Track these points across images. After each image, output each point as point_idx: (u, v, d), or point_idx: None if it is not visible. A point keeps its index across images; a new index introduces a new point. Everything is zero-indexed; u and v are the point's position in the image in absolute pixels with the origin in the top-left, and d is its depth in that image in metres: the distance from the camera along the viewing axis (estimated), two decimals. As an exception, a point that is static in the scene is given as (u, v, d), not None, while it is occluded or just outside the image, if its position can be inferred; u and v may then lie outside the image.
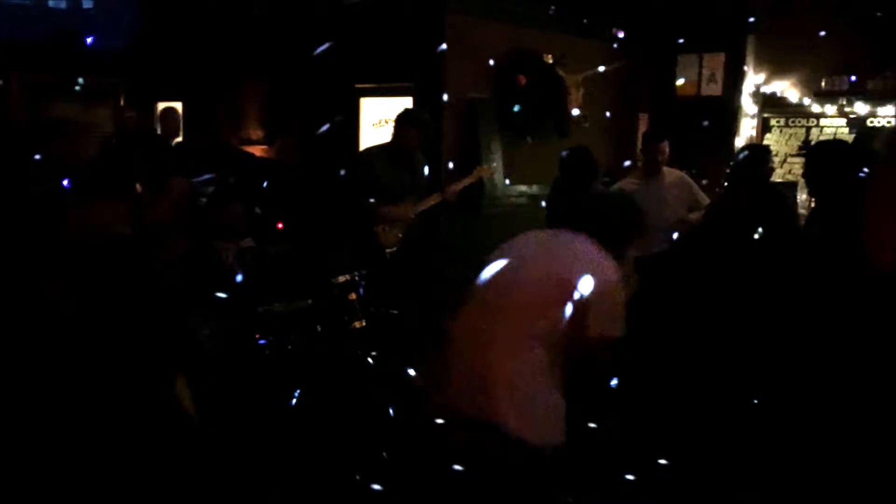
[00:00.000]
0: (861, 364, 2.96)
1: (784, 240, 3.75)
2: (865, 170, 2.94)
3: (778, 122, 6.79)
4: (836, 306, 3.06)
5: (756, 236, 3.80)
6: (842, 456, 2.91)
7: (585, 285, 2.30)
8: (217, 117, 7.21)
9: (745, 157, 4.35)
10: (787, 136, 6.76)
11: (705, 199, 5.05)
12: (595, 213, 2.65)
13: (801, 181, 5.37)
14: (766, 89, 6.74)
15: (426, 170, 4.99)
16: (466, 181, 5.07)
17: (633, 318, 2.62)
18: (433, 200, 4.83)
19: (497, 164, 5.97)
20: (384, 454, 3.55)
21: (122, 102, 7.74)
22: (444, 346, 2.55)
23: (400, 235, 4.77)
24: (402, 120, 4.66)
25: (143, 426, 2.27)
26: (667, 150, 5.05)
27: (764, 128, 6.86)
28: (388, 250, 4.71)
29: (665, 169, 5.11)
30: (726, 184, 4.88)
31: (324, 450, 3.47)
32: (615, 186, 5.24)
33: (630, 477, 2.89)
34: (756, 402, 3.44)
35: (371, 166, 4.67)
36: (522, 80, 5.96)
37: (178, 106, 7.79)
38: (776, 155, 6.72)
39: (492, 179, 5.85)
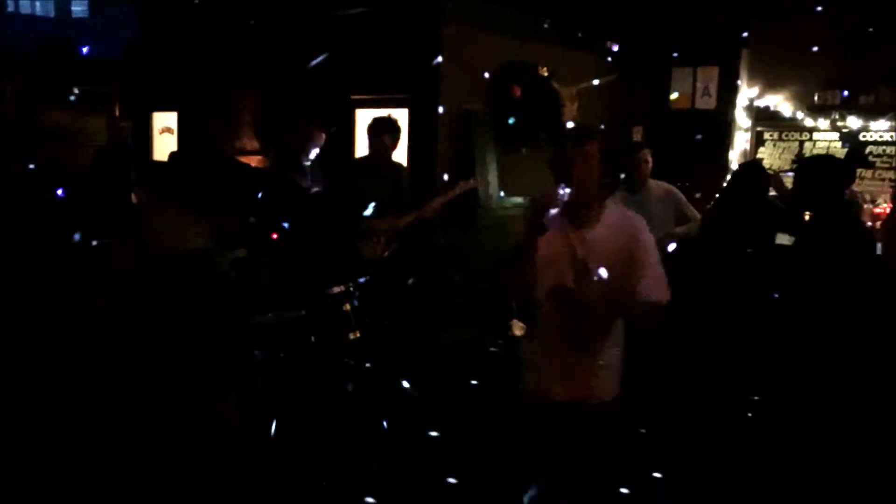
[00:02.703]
0: (861, 368, 2.98)
1: (775, 252, 3.78)
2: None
3: (771, 135, 6.83)
4: (829, 315, 3.07)
5: (749, 250, 3.83)
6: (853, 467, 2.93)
7: None
8: (212, 127, 7.19)
9: (740, 172, 4.38)
10: (780, 150, 6.79)
11: (694, 213, 5.04)
12: None
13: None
14: (760, 103, 6.77)
15: (408, 182, 4.99)
16: (446, 198, 5.02)
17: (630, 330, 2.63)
18: (409, 218, 4.78)
19: (491, 175, 5.98)
20: (376, 465, 3.53)
21: (116, 112, 7.73)
22: None
23: (384, 249, 4.76)
24: (375, 128, 4.80)
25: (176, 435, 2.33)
26: (649, 158, 5.04)
27: (757, 141, 6.89)
28: (371, 263, 4.70)
29: (652, 182, 5.10)
30: (719, 196, 4.90)
31: (316, 462, 3.45)
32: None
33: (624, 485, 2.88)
34: (752, 411, 3.45)
35: (354, 179, 4.70)
36: (517, 92, 5.97)
37: (173, 117, 7.77)
38: (769, 168, 6.75)
39: (486, 191, 5.85)
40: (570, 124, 6.30)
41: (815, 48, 6.06)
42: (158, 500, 2.36)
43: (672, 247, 4.72)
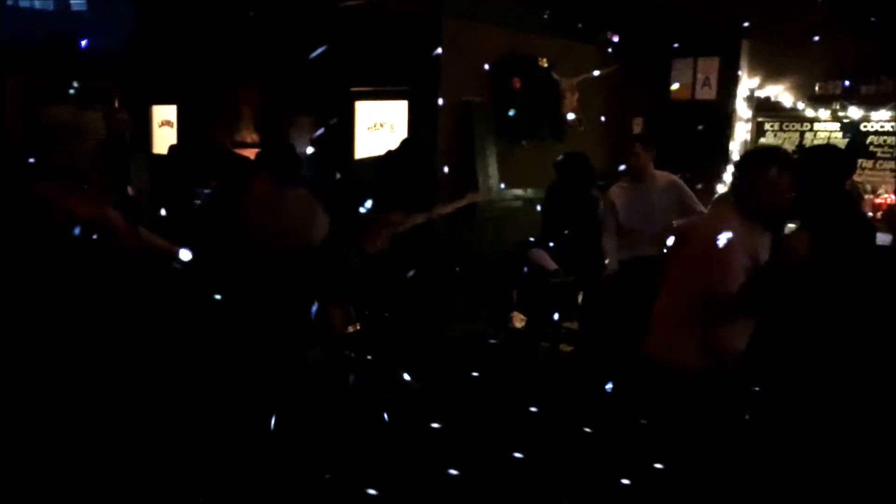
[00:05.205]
0: (865, 363, 2.98)
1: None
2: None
3: (772, 126, 6.81)
4: (830, 305, 3.07)
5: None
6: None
7: None
8: (212, 121, 7.19)
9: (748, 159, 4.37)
10: (781, 141, 6.77)
11: (697, 204, 5.03)
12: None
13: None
14: (761, 93, 6.75)
15: (417, 177, 4.99)
16: (456, 205, 5.01)
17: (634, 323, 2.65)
18: (420, 220, 4.76)
19: (491, 167, 5.98)
20: (378, 458, 3.54)
21: (116, 106, 7.72)
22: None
23: (387, 243, 4.75)
24: (407, 146, 4.69)
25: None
26: (639, 151, 5.03)
27: (758, 132, 6.88)
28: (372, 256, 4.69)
29: (656, 172, 5.09)
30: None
31: (318, 454, 3.46)
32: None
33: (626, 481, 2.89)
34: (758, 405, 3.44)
35: (366, 175, 4.68)
36: (518, 83, 5.96)
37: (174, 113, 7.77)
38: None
39: (486, 183, 5.85)
40: (570, 116, 6.30)
41: (816, 38, 6.04)
42: None
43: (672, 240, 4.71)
